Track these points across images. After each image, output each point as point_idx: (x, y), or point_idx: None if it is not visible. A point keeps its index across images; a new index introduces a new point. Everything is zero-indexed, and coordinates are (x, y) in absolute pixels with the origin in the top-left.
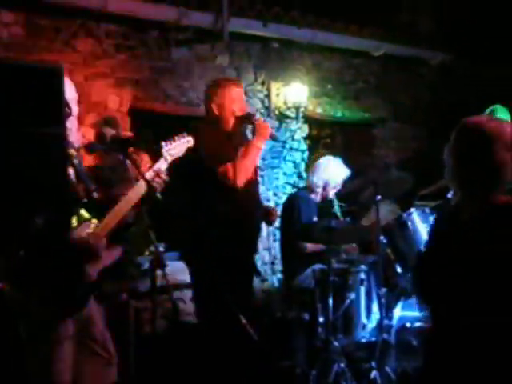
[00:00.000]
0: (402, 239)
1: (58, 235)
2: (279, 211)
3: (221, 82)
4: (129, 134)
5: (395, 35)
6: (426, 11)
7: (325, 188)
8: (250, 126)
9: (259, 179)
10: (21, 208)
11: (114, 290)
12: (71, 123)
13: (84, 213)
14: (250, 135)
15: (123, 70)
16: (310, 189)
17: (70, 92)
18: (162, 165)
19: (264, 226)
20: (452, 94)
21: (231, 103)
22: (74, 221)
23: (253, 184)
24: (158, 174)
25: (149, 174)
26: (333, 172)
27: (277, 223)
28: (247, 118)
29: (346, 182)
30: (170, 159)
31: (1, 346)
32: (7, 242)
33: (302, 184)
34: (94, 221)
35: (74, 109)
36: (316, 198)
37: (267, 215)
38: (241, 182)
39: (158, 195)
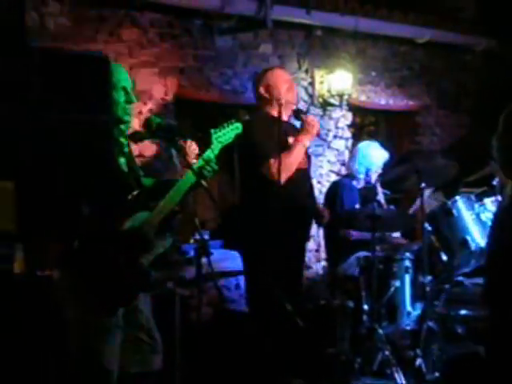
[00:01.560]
0: (446, 227)
1: (108, 224)
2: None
3: (269, 67)
4: (173, 122)
5: (439, 22)
6: None
7: (367, 173)
8: (298, 122)
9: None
10: (69, 196)
11: (160, 278)
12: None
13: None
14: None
15: (168, 58)
16: (351, 176)
17: (128, 80)
18: (212, 152)
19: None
20: (497, 80)
21: (279, 85)
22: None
23: (302, 173)
24: (207, 163)
25: (199, 163)
26: (373, 156)
27: None
28: (296, 113)
29: (389, 169)
30: (219, 146)
31: (45, 332)
32: (59, 230)
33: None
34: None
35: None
36: (358, 184)
37: (317, 216)
38: (283, 178)
39: (205, 183)
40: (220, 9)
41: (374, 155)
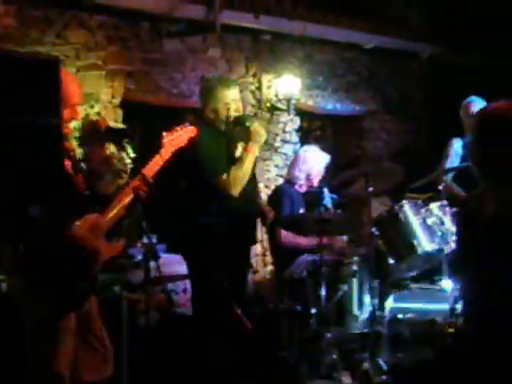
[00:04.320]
0: (393, 231)
1: (56, 227)
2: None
3: (216, 85)
4: (121, 125)
5: (386, 28)
6: (417, 3)
7: (308, 178)
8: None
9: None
10: (18, 200)
11: (106, 281)
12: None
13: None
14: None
15: (115, 61)
16: (291, 181)
17: (73, 84)
18: (164, 156)
19: None
20: (442, 86)
21: (227, 106)
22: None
23: (249, 180)
24: (144, 181)
25: (134, 182)
26: (313, 162)
27: None
28: (240, 121)
29: (337, 173)
30: (171, 150)
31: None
32: (10, 234)
33: None
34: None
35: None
36: (300, 189)
37: (261, 215)
38: (237, 191)
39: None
40: (168, 12)
41: (314, 161)
